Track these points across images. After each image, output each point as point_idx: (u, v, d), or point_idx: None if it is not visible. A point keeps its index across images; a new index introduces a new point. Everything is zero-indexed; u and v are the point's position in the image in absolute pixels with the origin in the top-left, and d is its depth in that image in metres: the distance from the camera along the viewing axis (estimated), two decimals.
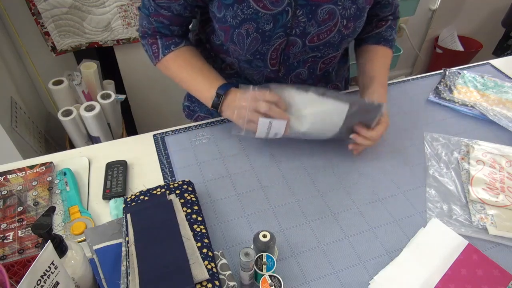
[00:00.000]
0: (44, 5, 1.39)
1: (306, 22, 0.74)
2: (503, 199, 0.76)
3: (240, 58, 0.83)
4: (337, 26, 0.76)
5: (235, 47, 0.77)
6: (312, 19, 0.74)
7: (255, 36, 0.74)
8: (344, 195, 0.78)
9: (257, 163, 0.84)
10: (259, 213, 0.74)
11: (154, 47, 0.84)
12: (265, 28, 0.73)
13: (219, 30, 0.77)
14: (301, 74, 0.88)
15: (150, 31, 0.82)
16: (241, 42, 0.75)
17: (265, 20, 0.71)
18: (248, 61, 0.82)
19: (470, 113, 0.98)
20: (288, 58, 0.82)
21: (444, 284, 0.63)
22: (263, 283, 0.57)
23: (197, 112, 1.05)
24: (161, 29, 0.81)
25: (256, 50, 0.77)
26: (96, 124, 1.48)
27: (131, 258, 0.60)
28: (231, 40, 0.76)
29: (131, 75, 1.77)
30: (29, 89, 1.63)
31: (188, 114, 1.08)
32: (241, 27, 0.72)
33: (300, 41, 0.77)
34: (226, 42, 0.78)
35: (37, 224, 0.50)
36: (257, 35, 0.74)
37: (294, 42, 0.77)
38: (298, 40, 0.77)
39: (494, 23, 2.45)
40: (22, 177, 0.78)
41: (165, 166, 0.83)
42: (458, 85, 1.06)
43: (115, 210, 0.72)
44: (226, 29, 0.75)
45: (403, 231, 0.72)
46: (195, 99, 1.04)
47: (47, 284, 0.45)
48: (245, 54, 0.78)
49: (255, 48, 0.76)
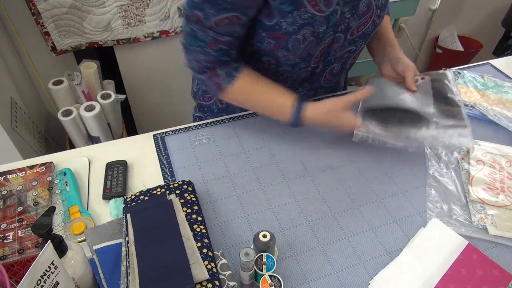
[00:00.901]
0: (44, 5, 1.39)
1: (350, 17, 0.76)
2: (503, 199, 0.76)
3: (284, 63, 0.81)
4: (372, 17, 0.79)
5: (287, 53, 0.77)
6: (355, 14, 0.76)
7: (311, 39, 0.75)
8: (344, 195, 0.78)
9: (257, 163, 0.84)
10: (259, 213, 0.74)
11: (216, 79, 0.79)
12: (319, 31, 0.74)
13: (267, 39, 0.75)
14: (334, 69, 0.90)
15: (209, 63, 0.77)
16: (296, 47, 0.75)
17: (320, 23, 0.72)
18: (293, 65, 0.82)
19: (470, 113, 0.98)
20: (329, 55, 0.84)
21: (444, 284, 0.63)
22: (263, 283, 0.57)
23: None
24: (222, 57, 0.76)
25: (308, 52, 0.78)
26: (96, 124, 1.48)
27: (131, 258, 0.60)
28: (284, 46, 0.75)
29: (131, 75, 1.77)
30: (29, 89, 1.63)
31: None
32: (298, 33, 0.73)
33: (343, 36, 0.80)
34: (277, 49, 0.76)
35: (37, 224, 0.50)
36: (313, 39, 0.75)
37: (338, 38, 0.79)
38: (342, 35, 0.79)
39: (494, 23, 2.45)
40: (22, 177, 0.78)
41: (165, 166, 0.83)
42: (458, 85, 1.06)
43: (115, 210, 0.72)
44: (280, 36, 0.74)
45: (403, 231, 0.72)
46: (207, 109, 1.03)
47: (47, 284, 0.45)
48: (295, 59, 0.79)
49: (307, 51, 0.77)
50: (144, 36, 1.63)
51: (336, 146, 0.88)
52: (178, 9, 1.58)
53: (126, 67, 1.74)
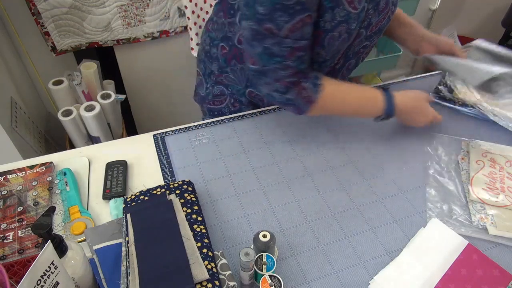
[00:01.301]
0: (44, 5, 1.39)
1: (373, 14, 0.78)
2: (503, 199, 0.76)
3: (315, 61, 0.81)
4: (388, 13, 0.82)
5: (321, 50, 0.77)
6: (376, 10, 0.78)
7: (345, 36, 0.76)
8: (344, 195, 0.78)
9: (257, 163, 0.84)
10: (259, 213, 0.74)
11: (304, 93, 0.76)
12: (352, 27, 0.75)
13: None
14: (350, 64, 0.91)
15: (292, 77, 0.73)
16: (331, 45, 0.76)
17: (353, 20, 0.74)
18: (321, 62, 0.82)
19: (470, 113, 0.98)
20: (349, 50, 0.85)
21: (444, 284, 0.63)
22: (263, 283, 0.57)
23: None
24: (300, 65, 0.73)
25: (338, 50, 0.79)
26: (96, 124, 1.48)
27: (131, 258, 0.60)
28: (321, 44, 0.76)
29: (131, 75, 1.77)
30: (29, 89, 1.63)
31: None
32: (335, 30, 0.73)
33: (365, 32, 0.81)
34: (313, 47, 0.76)
35: (37, 224, 0.50)
36: (346, 35, 0.76)
37: (361, 34, 0.81)
38: (364, 31, 0.80)
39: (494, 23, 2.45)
40: (22, 177, 0.78)
41: (165, 166, 0.83)
42: (458, 85, 1.06)
43: (115, 210, 0.72)
44: (318, 34, 0.74)
45: (403, 231, 0.72)
46: (218, 113, 1.02)
47: (47, 284, 0.45)
48: (326, 56, 0.80)
49: (338, 48, 0.79)
50: (144, 36, 1.62)
51: (336, 146, 0.88)
52: (178, 9, 1.58)
53: (126, 67, 1.74)
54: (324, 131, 0.92)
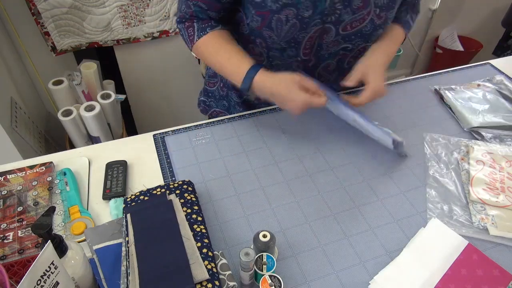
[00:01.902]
0: (44, 5, 1.39)
1: (342, 10, 0.75)
2: (503, 199, 0.76)
3: (272, 47, 0.82)
4: (370, 15, 0.77)
5: (271, 33, 0.77)
6: (348, 7, 0.75)
7: (294, 22, 0.74)
8: (344, 195, 0.78)
9: (257, 163, 0.84)
10: (259, 213, 0.74)
11: (190, 30, 0.84)
12: (304, 15, 0.73)
13: (255, 16, 0.77)
14: (329, 66, 0.89)
15: (187, 15, 0.83)
16: (279, 28, 0.76)
17: (305, 7, 0.72)
18: (281, 50, 0.82)
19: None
20: (321, 49, 0.83)
21: (444, 284, 0.63)
22: (263, 283, 0.57)
23: (213, 107, 1.05)
24: (199, 13, 0.82)
25: (293, 37, 0.77)
26: (96, 124, 1.48)
27: (131, 258, 0.60)
28: (268, 25, 0.76)
29: (131, 75, 1.77)
30: (29, 89, 1.63)
31: (203, 109, 1.09)
32: (281, 12, 0.73)
33: (334, 29, 0.78)
34: (262, 28, 0.77)
35: (37, 224, 0.49)
36: (296, 21, 0.74)
37: (329, 30, 0.78)
38: (333, 27, 0.78)
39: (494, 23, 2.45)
40: (22, 177, 0.77)
41: (165, 166, 0.83)
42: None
43: (115, 210, 0.72)
44: (265, 14, 0.75)
45: (403, 231, 0.72)
46: (211, 94, 1.05)
47: (47, 284, 0.45)
48: (280, 42, 0.79)
49: (292, 35, 0.77)
50: (144, 36, 1.63)
51: (336, 146, 0.88)
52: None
53: (126, 67, 1.74)
54: (324, 131, 0.92)
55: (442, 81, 1.09)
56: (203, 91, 1.09)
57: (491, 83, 1.06)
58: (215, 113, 1.05)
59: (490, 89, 1.04)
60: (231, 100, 1.01)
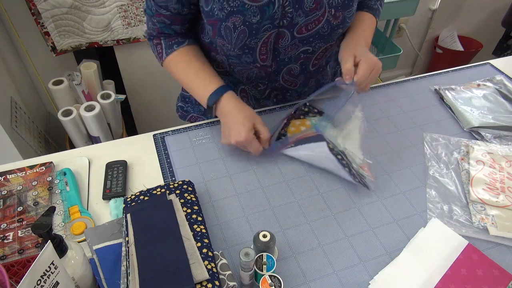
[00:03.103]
0: (44, 5, 1.39)
1: (293, 13, 0.73)
2: (503, 199, 0.76)
3: (229, 54, 0.82)
4: (325, 16, 0.75)
5: (223, 41, 0.77)
6: (299, 9, 0.73)
7: (242, 29, 0.73)
8: (344, 195, 0.78)
9: (257, 163, 0.84)
10: (259, 213, 0.74)
11: (159, 47, 0.86)
12: (252, 21, 0.72)
13: (207, 25, 0.77)
14: (292, 70, 0.88)
15: (155, 32, 0.84)
16: (229, 36, 0.75)
17: (252, 12, 0.71)
18: (238, 56, 0.81)
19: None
20: (279, 53, 0.81)
21: (444, 284, 0.63)
22: (263, 283, 0.57)
23: (191, 112, 1.05)
24: (164, 29, 0.83)
25: (245, 44, 0.76)
26: (96, 124, 1.48)
27: (131, 258, 0.60)
28: (219, 34, 0.76)
29: (131, 75, 1.77)
30: (29, 89, 1.63)
31: (182, 114, 1.08)
32: (228, 20, 0.72)
33: (289, 33, 0.76)
34: (214, 36, 0.77)
35: (37, 224, 0.50)
36: (244, 28, 0.73)
37: (283, 34, 0.77)
38: (286, 31, 0.76)
39: (494, 23, 2.45)
40: (22, 177, 0.78)
41: (165, 166, 0.83)
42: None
43: (115, 210, 0.72)
44: (213, 22, 0.74)
45: (403, 231, 0.72)
46: (188, 100, 1.04)
47: (47, 284, 0.45)
48: (233, 49, 0.78)
49: (243, 42, 0.76)
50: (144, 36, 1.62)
51: None
52: None
53: (126, 67, 1.74)
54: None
55: (442, 81, 1.09)
56: (180, 97, 1.08)
57: (491, 83, 1.06)
58: (194, 118, 1.04)
59: (490, 89, 1.04)
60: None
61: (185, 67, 0.84)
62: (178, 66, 0.85)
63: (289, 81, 0.92)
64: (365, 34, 0.86)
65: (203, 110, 1.02)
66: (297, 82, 0.93)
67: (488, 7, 2.46)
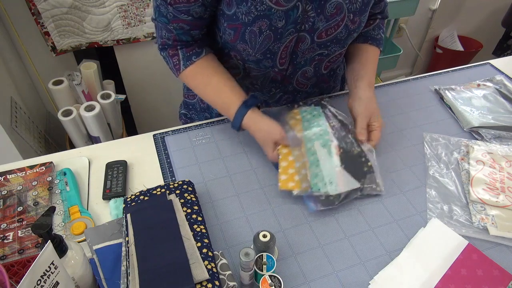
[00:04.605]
0: (44, 5, 1.39)
1: (315, 17, 0.74)
2: (503, 199, 0.76)
3: (248, 59, 0.81)
4: (344, 21, 0.76)
5: (245, 46, 0.76)
6: (321, 14, 0.74)
7: (268, 33, 0.73)
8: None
9: (257, 163, 0.84)
10: (259, 213, 0.74)
11: (175, 59, 0.81)
12: (277, 25, 0.72)
13: (228, 29, 0.75)
14: (307, 72, 0.88)
15: (170, 40, 0.79)
16: (253, 41, 0.74)
17: (278, 17, 0.71)
18: (257, 61, 0.81)
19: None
20: (297, 56, 0.82)
21: (444, 284, 0.63)
22: (263, 283, 0.57)
23: (195, 120, 1.04)
24: (182, 36, 0.77)
25: (268, 48, 0.76)
26: (96, 124, 1.48)
27: (131, 258, 0.60)
28: (242, 38, 0.75)
29: (131, 75, 1.77)
30: (29, 89, 1.63)
31: (185, 122, 1.07)
32: (254, 25, 0.71)
33: (309, 37, 0.77)
34: (235, 41, 0.76)
35: (37, 224, 0.50)
36: (270, 33, 0.73)
37: (303, 38, 0.77)
38: (307, 36, 0.77)
39: (494, 23, 2.45)
40: (22, 177, 0.78)
41: (165, 166, 0.83)
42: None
43: (115, 210, 0.72)
44: (237, 27, 0.73)
45: (403, 231, 0.72)
46: (192, 107, 1.03)
47: (47, 284, 0.45)
48: (255, 54, 0.77)
49: (266, 47, 0.76)
50: (144, 36, 1.63)
51: None
52: None
53: (126, 67, 1.74)
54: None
55: (442, 81, 1.09)
56: (183, 104, 1.07)
57: (491, 83, 1.06)
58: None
59: (490, 89, 1.04)
60: (212, 112, 0.99)
61: (207, 81, 0.81)
62: (196, 82, 0.82)
63: (302, 83, 0.92)
64: (372, 79, 0.89)
65: (208, 117, 1.01)
66: (309, 84, 0.94)
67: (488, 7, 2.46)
